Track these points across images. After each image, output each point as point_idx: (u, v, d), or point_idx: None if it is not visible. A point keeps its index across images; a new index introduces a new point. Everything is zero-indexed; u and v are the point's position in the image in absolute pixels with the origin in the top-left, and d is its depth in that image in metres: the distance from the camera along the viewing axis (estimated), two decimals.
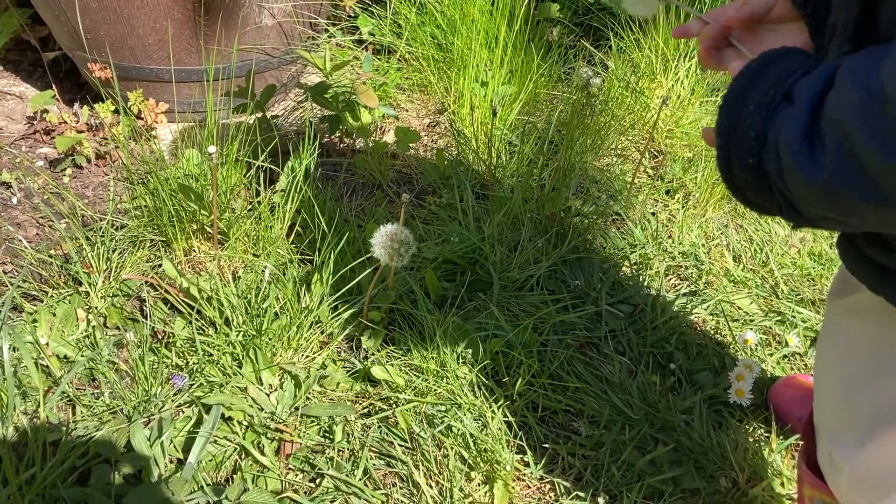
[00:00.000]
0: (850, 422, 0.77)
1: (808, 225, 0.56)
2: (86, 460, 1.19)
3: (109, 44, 1.98)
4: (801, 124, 0.50)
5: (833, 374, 0.81)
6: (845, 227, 0.56)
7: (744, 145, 0.55)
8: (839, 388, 0.79)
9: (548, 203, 1.75)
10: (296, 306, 1.41)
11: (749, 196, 0.58)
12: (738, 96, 0.56)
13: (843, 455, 0.78)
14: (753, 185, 0.56)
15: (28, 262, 1.56)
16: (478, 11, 1.98)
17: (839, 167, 0.47)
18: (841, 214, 0.51)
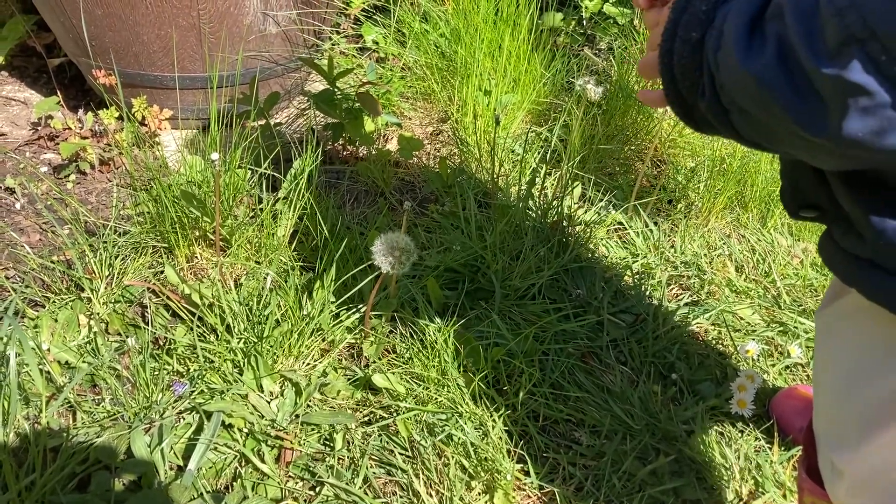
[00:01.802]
0: (848, 425, 0.77)
1: (719, 118, 0.56)
2: (86, 466, 1.19)
3: (114, 50, 1.98)
4: (750, 8, 0.51)
5: (828, 378, 0.81)
6: (751, 130, 0.55)
7: (692, 18, 0.55)
8: (835, 393, 0.79)
9: (550, 212, 1.75)
10: (297, 313, 1.41)
11: (678, 77, 0.58)
12: None
13: (843, 459, 0.78)
14: (688, 61, 0.56)
15: (30, 268, 1.57)
16: (482, 21, 1.99)
17: (772, 59, 0.48)
18: (758, 109, 0.51)
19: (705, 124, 0.60)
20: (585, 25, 2.37)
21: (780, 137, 0.53)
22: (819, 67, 0.45)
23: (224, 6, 1.92)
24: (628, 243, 1.80)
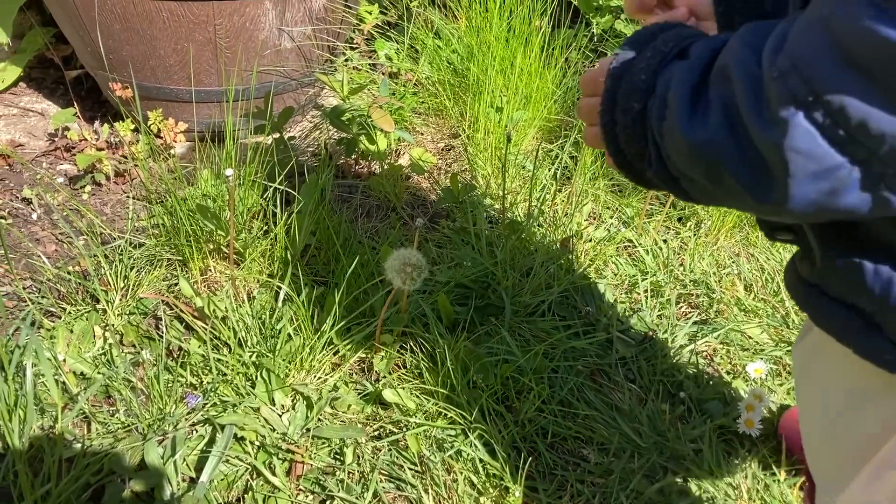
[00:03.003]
0: (833, 467, 0.75)
1: (669, 185, 0.56)
2: (100, 477, 1.20)
3: (131, 64, 2.01)
4: (692, 77, 0.50)
5: (810, 423, 0.80)
6: (702, 196, 0.55)
7: (632, 87, 0.54)
8: (818, 437, 0.77)
9: (560, 228, 1.77)
10: (309, 328, 1.43)
11: (623, 148, 0.57)
12: (637, 42, 0.56)
13: (839, 500, 0.78)
14: (632, 131, 0.55)
15: (47, 279, 1.59)
16: (494, 38, 2.01)
17: (718, 128, 0.47)
18: (707, 179, 0.51)
19: (657, 188, 0.60)
20: (596, 42, 2.39)
21: (733, 203, 0.52)
22: (763, 132, 0.44)
23: (240, 22, 1.95)
24: (638, 261, 1.81)
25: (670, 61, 0.54)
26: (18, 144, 2.15)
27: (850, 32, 0.39)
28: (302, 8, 2.03)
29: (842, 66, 0.40)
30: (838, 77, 0.40)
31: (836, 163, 0.43)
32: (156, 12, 1.89)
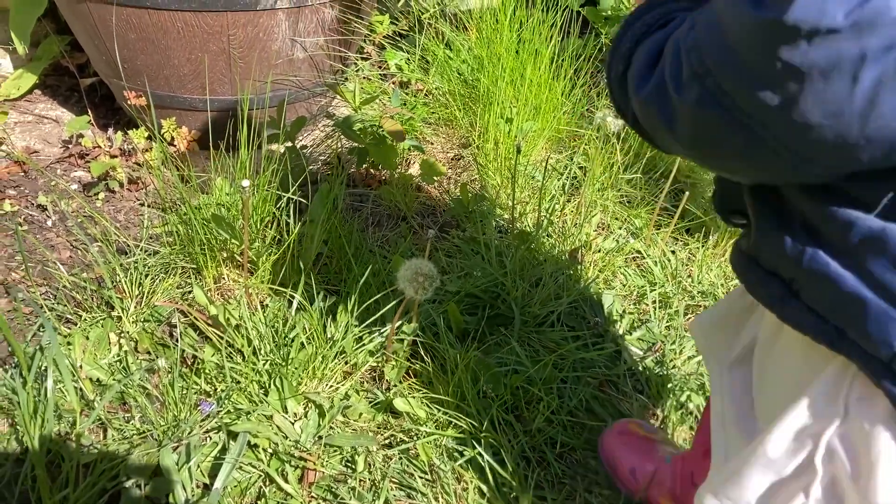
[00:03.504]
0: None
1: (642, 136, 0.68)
2: (116, 482, 1.22)
3: (146, 73, 2.04)
4: (652, 50, 0.61)
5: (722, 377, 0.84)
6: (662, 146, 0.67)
7: (620, 56, 0.65)
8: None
9: (569, 239, 1.78)
10: (321, 336, 1.44)
11: (616, 98, 0.68)
12: (632, 17, 0.66)
13: None
14: (618, 89, 0.66)
15: (62, 285, 1.61)
16: (504, 50, 2.03)
17: (652, 88, 0.59)
18: (651, 128, 0.62)
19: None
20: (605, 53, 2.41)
21: (663, 142, 0.64)
22: (677, 96, 0.55)
23: (254, 32, 1.97)
24: (646, 272, 1.82)
25: (652, 32, 0.63)
26: (33, 151, 2.18)
27: (729, 22, 0.49)
28: (315, 19, 2.05)
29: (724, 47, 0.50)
30: (718, 56, 0.51)
31: (721, 123, 0.54)
32: (171, 23, 1.92)
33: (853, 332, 0.58)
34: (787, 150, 0.52)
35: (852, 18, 0.43)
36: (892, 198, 0.53)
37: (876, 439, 0.61)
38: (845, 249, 0.57)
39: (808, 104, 0.47)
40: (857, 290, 0.56)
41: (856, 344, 0.58)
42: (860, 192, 0.54)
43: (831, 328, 0.60)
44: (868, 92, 0.45)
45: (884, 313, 0.55)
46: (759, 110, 0.50)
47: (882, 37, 0.43)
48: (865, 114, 0.46)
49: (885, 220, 0.54)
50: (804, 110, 0.47)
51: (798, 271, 0.61)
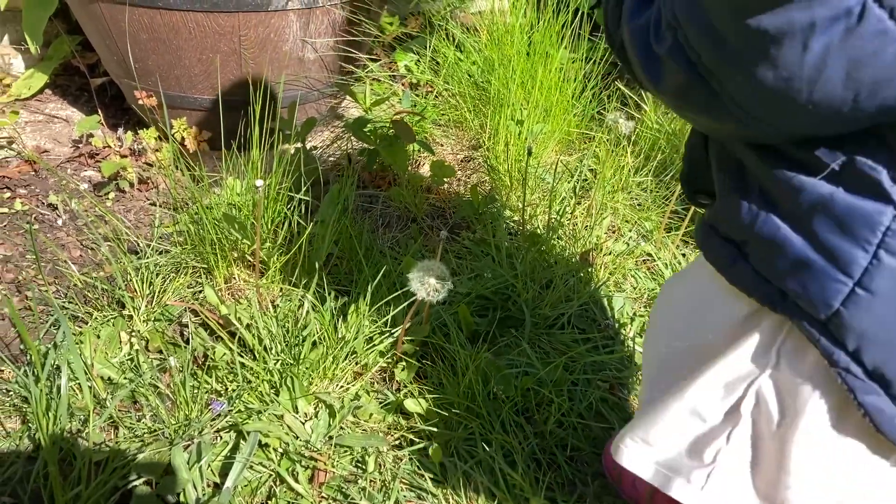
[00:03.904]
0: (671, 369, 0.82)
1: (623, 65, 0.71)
2: (127, 481, 1.22)
3: (156, 73, 2.04)
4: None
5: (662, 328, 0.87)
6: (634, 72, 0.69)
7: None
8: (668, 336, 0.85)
9: (579, 241, 1.78)
10: (332, 336, 1.44)
11: (608, 21, 0.71)
12: None
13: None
14: (612, 14, 0.69)
15: (73, 284, 1.61)
16: (515, 52, 2.03)
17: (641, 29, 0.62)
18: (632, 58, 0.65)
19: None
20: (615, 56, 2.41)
21: (636, 73, 0.67)
22: (655, 42, 0.58)
23: (265, 33, 1.98)
24: (657, 275, 1.82)
25: None
26: (44, 150, 2.18)
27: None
28: (325, 20, 2.06)
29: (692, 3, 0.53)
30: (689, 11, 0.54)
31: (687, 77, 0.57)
32: (182, 23, 1.92)
33: (795, 294, 0.61)
34: (740, 109, 0.55)
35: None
36: (841, 163, 0.55)
37: (803, 391, 0.65)
38: (795, 213, 0.60)
39: (762, 68, 0.49)
40: (803, 253, 0.59)
41: (797, 305, 0.61)
42: (810, 158, 0.57)
43: (775, 290, 0.63)
44: (816, 59, 0.47)
45: (826, 275, 0.58)
46: (719, 68, 0.53)
47: (830, 7, 0.45)
48: (813, 80, 0.48)
49: (833, 185, 0.56)
50: (758, 73, 0.50)
51: (751, 234, 0.64)
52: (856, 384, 0.60)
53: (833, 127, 0.52)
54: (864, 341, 0.58)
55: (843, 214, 0.56)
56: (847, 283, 0.57)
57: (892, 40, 0.45)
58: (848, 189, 0.55)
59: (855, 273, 0.56)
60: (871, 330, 0.57)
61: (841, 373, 0.60)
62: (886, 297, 0.56)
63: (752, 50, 0.49)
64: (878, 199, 0.54)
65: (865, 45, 0.45)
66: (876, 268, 0.55)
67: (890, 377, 0.59)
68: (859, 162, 0.54)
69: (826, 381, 0.63)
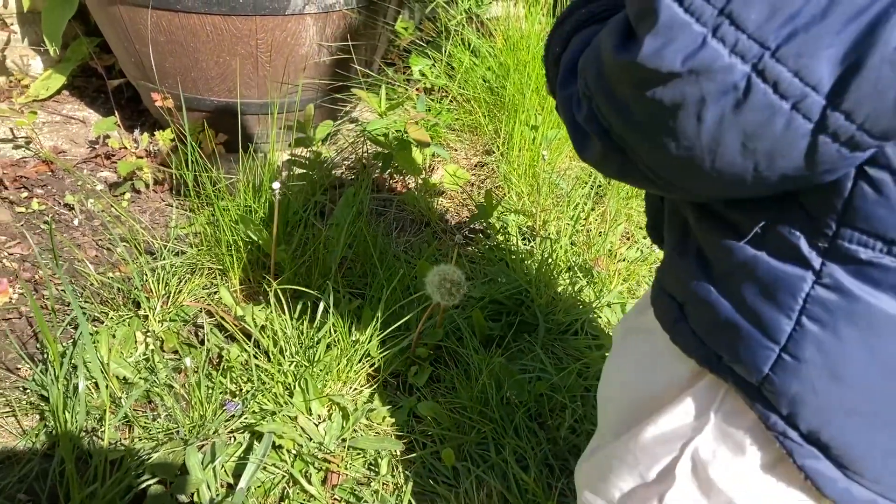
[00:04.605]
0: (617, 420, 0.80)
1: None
2: (142, 480, 1.22)
3: (174, 75, 2.06)
4: (580, 46, 0.62)
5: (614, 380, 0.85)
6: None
7: (559, 38, 0.67)
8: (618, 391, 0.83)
9: (594, 247, 1.78)
10: (346, 339, 1.45)
11: (549, 78, 0.70)
12: (578, 4, 0.68)
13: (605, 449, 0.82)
14: (552, 70, 0.68)
15: (89, 283, 1.62)
16: (531, 57, 2.03)
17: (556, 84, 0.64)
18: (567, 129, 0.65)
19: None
20: None
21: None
22: (576, 111, 0.59)
23: (282, 37, 1.99)
24: None
25: (584, 25, 0.65)
26: (60, 151, 2.20)
27: (605, 57, 0.53)
28: (342, 24, 2.07)
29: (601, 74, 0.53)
30: (596, 82, 0.54)
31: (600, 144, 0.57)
32: (200, 26, 1.93)
33: (727, 357, 0.60)
34: (654, 174, 0.55)
35: (688, 65, 0.46)
36: (763, 226, 0.55)
37: (742, 454, 0.63)
38: (724, 276, 0.59)
39: (665, 138, 0.50)
40: (732, 317, 0.58)
41: (731, 368, 0.60)
42: (738, 220, 0.57)
43: (711, 352, 0.62)
44: (712, 130, 0.47)
45: (754, 340, 0.57)
46: (628, 137, 0.54)
47: (717, 82, 0.46)
48: (712, 149, 0.49)
49: (756, 249, 0.56)
50: (662, 143, 0.51)
51: (687, 295, 0.64)
52: (793, 448, 0.59)
53: (746, 192, 0.52)
54: (797, 406, 0.57)
55: (767, 279, 0.55)
56: (774, 348, 0.56)
57: (777, 112, 0.45)
58: (770, 253, 0.55)
59: (780, 339, 0.55)
60: (802, 395, 0.56)
61: (778, 437, 0.59)
62: (813, 364, 0.55)
63: (653, 120, 0.50)
64: (797, 264, 0.54)
65: (755, 117, 0.46)
66: (800, 334, 0.55)
67: (826, 441, 0.58)
68: (779, 226, 0.54)
69: (766, 443, 0.62)
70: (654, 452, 0.71)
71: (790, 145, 0.46)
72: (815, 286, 0.53)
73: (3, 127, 2.22)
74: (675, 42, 0.46)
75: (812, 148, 0.46)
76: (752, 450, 0.63)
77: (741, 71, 0.45)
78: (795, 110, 0.45)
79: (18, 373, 1.42)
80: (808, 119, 0.45)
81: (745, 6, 0.45)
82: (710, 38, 0.45)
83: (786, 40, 0.44)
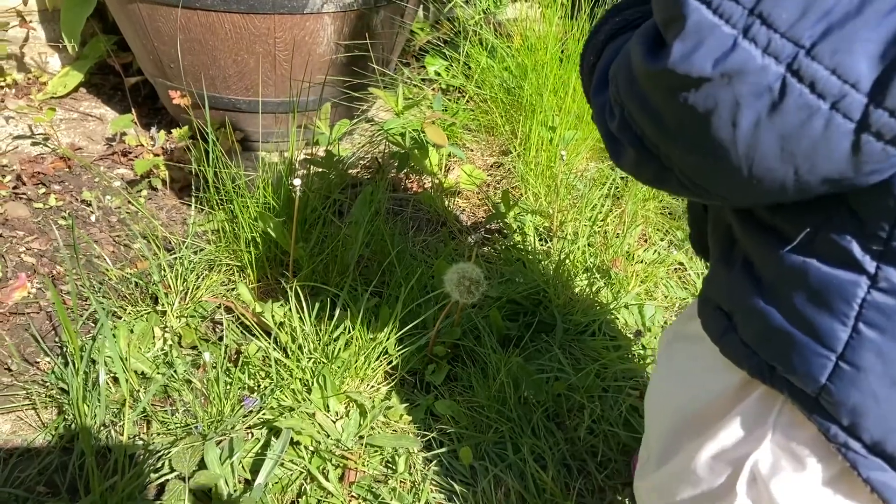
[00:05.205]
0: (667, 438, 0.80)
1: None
2: (160, 475, 1.22)
3: (191, 73, 2.06)
4: (614, 53, 0.62)
5: (661, 395, 0.84)
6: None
7: (593, 47, 0.66)
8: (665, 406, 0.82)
9: (611, 249, 1.77)
10: (364, 336, 1.44)
11: (585, 86, 0.69)
12: (616, 8, 0.67)
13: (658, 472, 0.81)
14: (587, 79, 0.68)
15: (107, 279, 1.62)
16: (550, 58, 2.03)
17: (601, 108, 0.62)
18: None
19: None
20: None
21: None
22: (609, 118, 0.58)
23: (300, 35, 1.99)
24: (688, 284, 1.81)
25: (619, 31, 0.65)
26: (77, 148, 2.21)
27: (635, 64, 0.52)
28: (360, 23, 2.07)
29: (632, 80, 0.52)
30: (628, 90, 0.53)
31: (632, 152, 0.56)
32: (219, 24, 1.94)
33: (781, 368, 0.58)
34: (689, 181, 0.53)
35: (720, 69, 0.44)
36: (811, 231, 0.53)
37: (803, 467, 0.61)
38: (773, 284, 0.58)
39: (698, 145, 0.49)
40: (783, 326, 0.57)
41: (786, 379, 0.58)
42: (784, 226, 0.56)
43: (763, 363, 0.60)
44: (747, 135, 0.46)
45: (809, 349, 0.55)
46: (661, 143, 0.52)
47: (750, 84, 0.44)
48: (749, 155, 0.47)
49: (805, 255, 0.54)
50: (697, 150, 0.49)
51: (736, 305, 0.62)
52: (857, 460, 0.57)
53: (786, 198, 0.50)
54: (858, 416, 0.55)
55: (818, 286, 0.54)
56: (830, 357, 0.54)
57: (816, 113, 0.44)
58: (821, 259, 0.53)
59: (836, 347, 0.53)
60: (863, 404, 0.54)
61: (840, 448, 0.57)
62: (874, 371, 0.53)
63: (686, 127, 0.49)
64: (850, 269, 0.52)
65: (792, 119, 0.44)
66: (857, 341, 0.53)
67: (892, 452, 0.55)
68: (828, 230, 0.52)
69: (828, 454, 0.60)
70: (714, 467, 0.69)
71: (831, 147, 0.45)
72: (871, 291, 0.52)
73: (22, 123, 2.23)
74: (704, 45, 0.45)
75: (855, 148, 0.44)
76: (812, 463, 0.61)
77: (775, 72, 0.43)
78: (835, 110, 0.43)
79: (37, 366, 1.43)
80: (849, 118, 0.43)
81: (776, 5, 0.43)
82: (740, 39, 0.44)
83: (821, 37, 0.42)
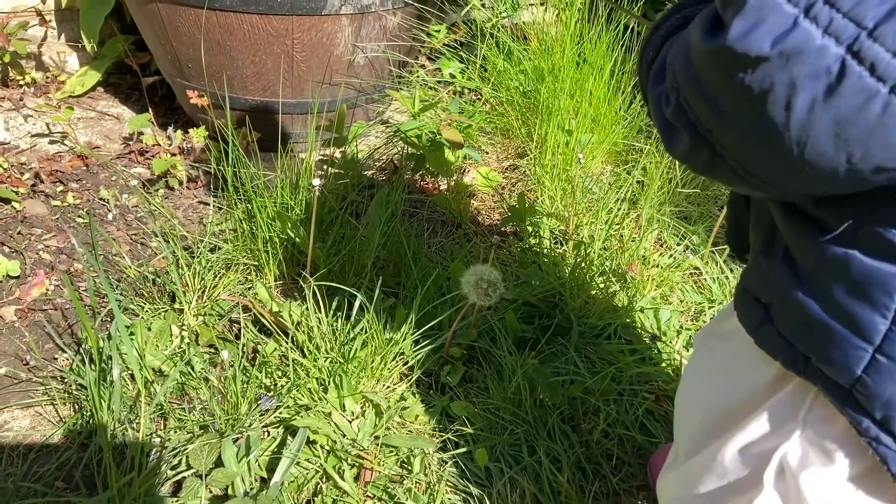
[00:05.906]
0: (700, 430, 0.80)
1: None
2: (177, 472, 1.23)
3: (208, 73, 2.07)
4: (661, 62, 0.62)
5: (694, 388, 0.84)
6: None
7: (653, 44, 0.66)
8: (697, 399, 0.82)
9: (627, 252, 1.77)
10: (381, 336, 1.45)
11: (642, 81, 0.68)
12: (675, 7, 0.67)
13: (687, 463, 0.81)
14: (645, 75, 0.66)
15: (125, 277, 1.63)
16: (567, 62, 2.03)
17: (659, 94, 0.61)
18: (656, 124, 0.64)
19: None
20: None
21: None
22: (665, 106, 0.57)
23: (318, 37, 2.00)
24: (704, 288, 1.80)
25: (679, 27, 0.63)
26: (95, 146, 2.22)
27: (693, 45, 0.51)
28: (377, 25, 2.07)
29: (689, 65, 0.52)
30: (684, 73, 0.53)
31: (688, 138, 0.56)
32: (237, 25, 1.95)
33: (817, 358, 0.58)
34: (741, 168, 0.53)
35: (778, 48, 0.44)
36: (855, 223, 0.53)
37: (832, 461, 0.62)
38: (814, 276, 0.58)
39: (752, 128, 0.48)
40: (822, 318, 0.57)
41: (819, 370, 0.58)
42: (827, 218, 0.55)
43: (799, 354, 0.60)
44: (802, 118, 0.45)
45: (846, 340, 0.55)
46: (715, 128, 0.52)
47: (808, 65, 0.44)
48: (802, 139, 0.46)
49: (847, 247, 0.54)
50: (749, 132, 0.49)
51: (774, 296, 0.62)
52: (888, 455, 0.57)
53: (837, 187, 0.50)
54: (893, 409, 0.55)
55: (859, 277, 0.53)
56: (867, 349, 0.54)
57: (874, 97, 0.43)
58: (864, 251, 0.53)
59: (875, 339, 0.54)
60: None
61: (871, 442, 0.57)
62: None
63: (741, 109, 0.48)
64: (894, 261, 0.52)
65: (849, 102, 0.44)
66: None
67: None
68: (872, 223, 0.52)
69: (858, 450, 0.60)
70: (743, 460, 0.69)
71: (887, 133, 0.44)
72: None
73: (40, 122, 2.25)
74: (764, 24, 0.44)
75: None
76: (841, 458, 0.61)
77: (835, 53, 0.43)
78: (894, 94, 0.42)
79: (55, 363, 1.43)
80: None
81: None
82: (801, 18, 0.43)
83: (885, 18, 0.42)
